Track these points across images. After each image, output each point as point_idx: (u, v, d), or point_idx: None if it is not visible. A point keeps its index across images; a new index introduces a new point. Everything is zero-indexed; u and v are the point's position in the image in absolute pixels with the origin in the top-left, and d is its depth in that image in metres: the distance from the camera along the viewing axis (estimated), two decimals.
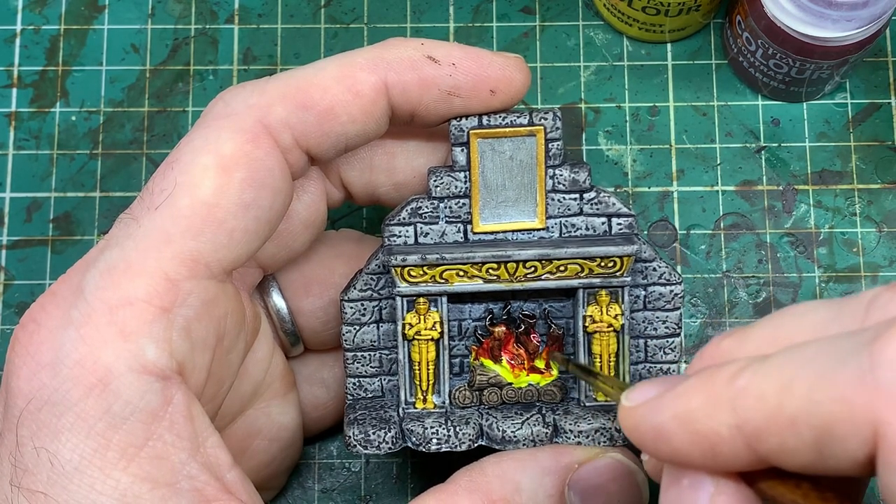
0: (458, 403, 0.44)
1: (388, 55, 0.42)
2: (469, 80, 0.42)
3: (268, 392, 0.46)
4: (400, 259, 0.42)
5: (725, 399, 0.30)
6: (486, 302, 0.45)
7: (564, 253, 0.42)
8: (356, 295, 0.44)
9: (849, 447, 0.28)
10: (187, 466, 0.38)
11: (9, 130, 0.56)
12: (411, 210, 0.43)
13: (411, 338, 0.43)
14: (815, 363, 0.29)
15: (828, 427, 0.28)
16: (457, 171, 0.43)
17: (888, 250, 0.55)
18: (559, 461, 0.41)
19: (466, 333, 0.45)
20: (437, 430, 0.42)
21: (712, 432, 0.30)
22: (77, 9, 0.57)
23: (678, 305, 0.44)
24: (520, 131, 0.43)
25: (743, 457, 0.30)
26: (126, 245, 0.38)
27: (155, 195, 0.39)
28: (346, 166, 0.46)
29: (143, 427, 0.37)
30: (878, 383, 0.28)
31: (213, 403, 0.42)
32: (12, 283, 0.54)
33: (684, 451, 0.31)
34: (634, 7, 0.54)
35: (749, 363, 0.30)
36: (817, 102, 0.56)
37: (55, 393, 0.37)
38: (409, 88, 0.42)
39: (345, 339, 0.44)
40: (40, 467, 0.37)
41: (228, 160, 0.39)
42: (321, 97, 0.41)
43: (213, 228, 0.39)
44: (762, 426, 0.29)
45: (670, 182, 0.55)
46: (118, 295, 0.38)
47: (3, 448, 0.38)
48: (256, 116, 0.40)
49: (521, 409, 0.44)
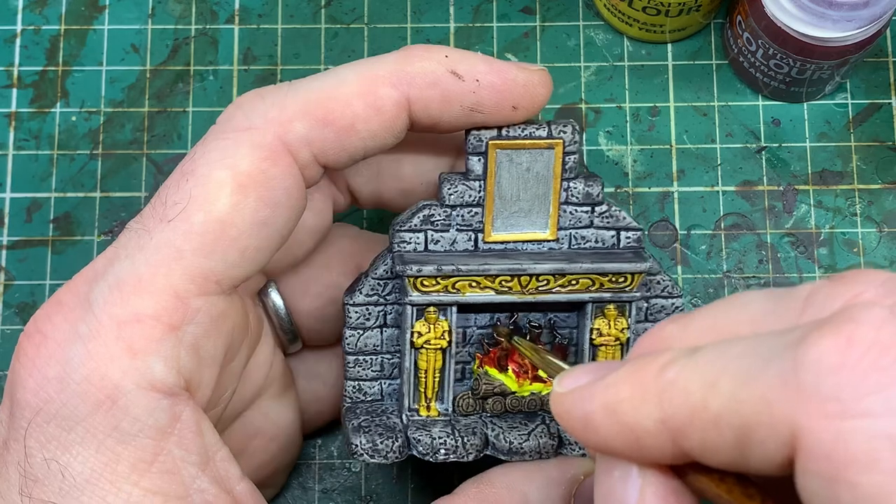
0: (460, 411, 0.44)
1: (410, 69, 0.41)
2: (492, 96, 0.41)
3: (267, 393, 0.46)
4: (415, 269, 0.42)
5: (653, 392, 0.30)
6: (493, 311, 0.44)
7: (579, 268, 0.42)
8: (362, 299, 0.43)
9: (768, 449, 0.28)
10: (198, 480, 0.38)
11: (9, 130, 0.56)
12: (423, 217, 0.43)
13: (420, 346, 0.43)
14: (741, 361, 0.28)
15: (749, 428, 0.28)
16: (472, 180, 0.43)
17: (888, 250, 0.54)
18: (565, 472, 0.41)
19: (470, 340, 0.44)
20: (444, 441, 0.42)
21: (638, 425, 0.30)
22: (77, 9, 0.57)
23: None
24: (539, 144, 0.42)
25: (668, 451, 0.30)
26: (137, 258, 0.38)
27: (168, 207, 0.38)
28: (354, 173, 0.46)
29: (152, 443, 0.37)
30: (799, 387, 0.27)
31: (215, 410, 0.42)
32: (12, 283, 0.54)
33: (611, 442, 0.31)
34: (635, 7, 0.54)
35: (679, 356, 0.30)
36: (818, 103, 0.56)
37: (63, 407, 0.37)
38: (431, 105, 0.41)
39: (347, 343, 0.44)
40: (51, 478, 0.37)
41: (245, 177, 0.38)
42: (342, 113, 0.40)
43: (226, 246, 0.38)
44: (686, 422, 0.29)
45: (671, 182, 0.55)
46: (127, 311, 0.37)
47: (9, 457, 0.37)
48: (276, 132, 0.39)
49: (524, 419, 0.44)
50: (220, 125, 0.40)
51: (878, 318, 0.27)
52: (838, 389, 0.27)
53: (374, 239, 0.49)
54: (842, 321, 0.28)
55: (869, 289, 0.29)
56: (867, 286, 0.29)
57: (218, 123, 0.40)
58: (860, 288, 0.29)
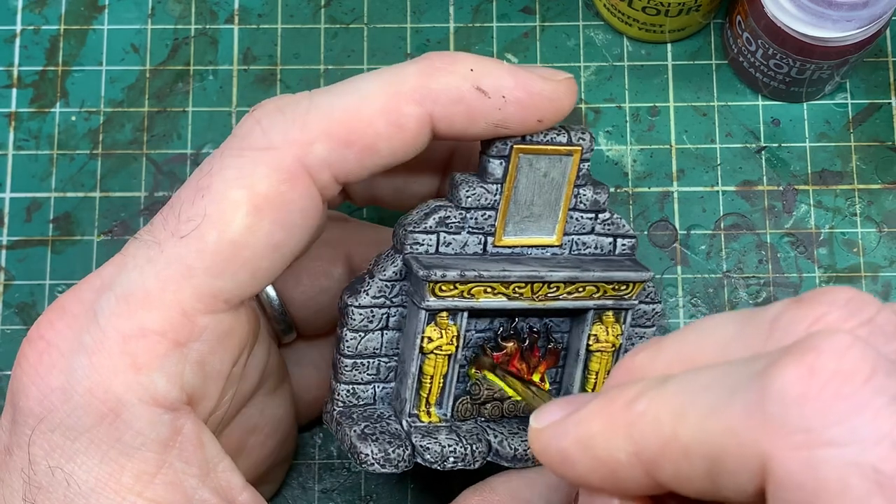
0: (458, 415, 0.43)
1: (435, 85, 0.39)
2: (518, 112, 0.40)
3: (263, 388, 0.46)
4: (439, 275, 0.40)
5: (623, 424, 0.30)
6: (493, 315, 0.44)
7: (591, 276, 0.42)
8: (368, 301, 0.42)
9: (740, 479, 0.28)
10: (199, 491, 0.38)
11: (9, 130, 0.56)
12: (438, 219, 0.42)
13: (430, 352, 0.42)
14: (709, 392, 0.29)
15: (719, 458, 0.28)
16: (489, 183, 0.42)
17: (888, 250, 0.54)
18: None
19: (469, 344, 0.44)
20: (454, 449, 0.42)
21: (611, 458, 0.30)
22: (77, 9, 0.57)
23: (656, 323, 0.45)
24: (560, 150, 0.42)
25: (643, 483, 0.30)
26: (146, 271, 0.38)
27: (182, 222, 0.38)
28: None
29: (155, 456, 0.37)
30: (765, 417, 0.27)
31: (216, 415, 0.42)
32: (12, 283, 0.54)
33: (589, 477, 0.31)
34: (634, 7, 0.54)
35: (648, 387, 0.30)
36: (817, 103, 0.56)
37: (68, 417, 0.37)
38: (455, 122, 0.40)
39: (347, 346, 0.42)
40: (56, 486, 0.37)
41: (262, 200, 0.38)
42: (364, 132, 0.39)
43: (237, 268, 0.38)
44: (657, 453, 0.29)
45: (670, 182, 0.55)
46: (132, 325, 0.37)
47: (12, 464, 0.37)
48: (296, 154, 0.38)
49: (519, 424, 0.44)
50: (237, 140, 0.39)
51: (839, 345, 0.28)
52: (804, 420, 0.27)
53: (361, 226, 0.49)
54: (804, 350, 0.28)
55: (832, 310, 0.29)
56: (830, 307, 0.29)
57: (235, 137, 0.39)
58: (823, 309, 0.29)
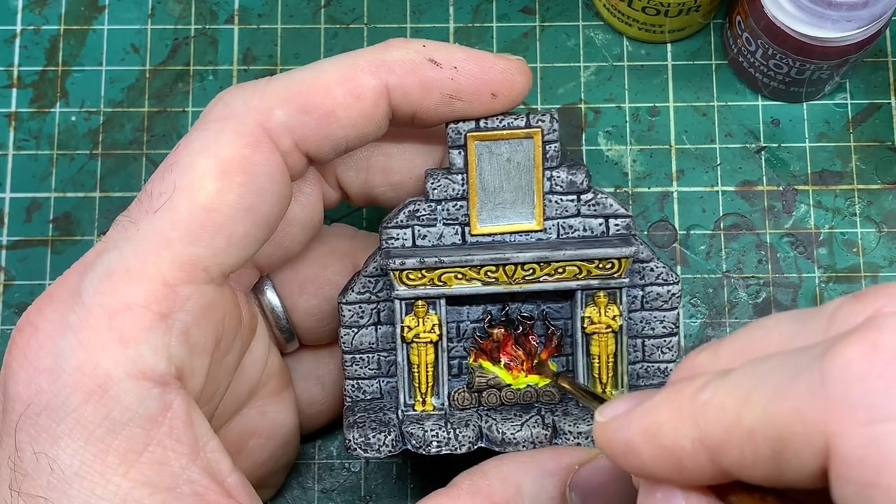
0: (457, 405, 0.44)
1: (389, 57, 0.42)
2: (471, 83, 0.42)
3: (263, 391, 0.46)
4: (398, 263, 0.42)
5: (689, 413, 0.31)
6: (484, 304, 0.45)
7: (563, 255, 0.42)
8: (354, 298, 0.44)
9: (803, 460, 0.28)
10: (187, 471, 0.38)
11: (9, 130, 0.56)
12: (409, 213, 0.43)
13: (410, 340, 0.43)
14: (772, 376, 0.29)
15: (783, 439, 0.29)
16: (454, 174, 0.43)
17: (888, 251, 0.55)
18: (559, 462, 0.41)
19: (465, 335, 0.45)
20: (436, 433, 0.42)
21: (677, 446, 0.31)
22: (77, 9, 0.57)
23: (675, 305, 0.44)
24: (517, 133, 0.43)
25: (707, 470, 0.31)
26: (124, 249, 0.38)
27: (154, 198, 0.39)
28: (343, 167, 0.46)
29: (142, 433, 0.37)
30: (828, 396, 0.28)
31: (210, 405, 0.42)
32: (12, 283, 0.54)
33: (652, 466, 0.31)
34: (634, 7, 0.54)
35: (713, 377, 0.31)
36: (817, 103, 0.56)
37: (54, 398, 0.37)
38: (411, 91, 0.42)
39: (343, 341, 0.44)
40: (40, 472, 0.37)
41: (228, 164, 0.39)
42: (322, 100, 0.41)
43: (212, 233, 0.39)
44: (723, 438, 0.30)
45: (670, 182, 0.55)
46: (117, 300, 0.37)
47: (1, 452, 0.37)
48: (257, 120, 0.40)
49: (519, 411, 0.44)
50: (202, 118, 0.41)
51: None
52: (866, 396, 0.27)
53: (370, 238, 0.49)
54: (866, 330, 0.28)
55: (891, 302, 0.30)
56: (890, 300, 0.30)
57: (201, 117, 0.41)
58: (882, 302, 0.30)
